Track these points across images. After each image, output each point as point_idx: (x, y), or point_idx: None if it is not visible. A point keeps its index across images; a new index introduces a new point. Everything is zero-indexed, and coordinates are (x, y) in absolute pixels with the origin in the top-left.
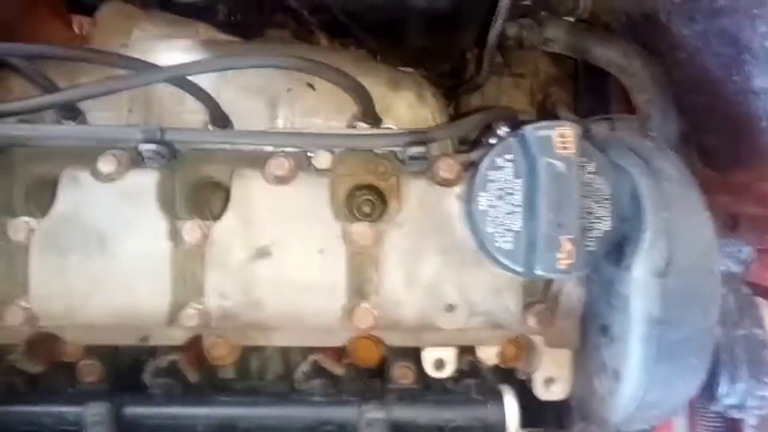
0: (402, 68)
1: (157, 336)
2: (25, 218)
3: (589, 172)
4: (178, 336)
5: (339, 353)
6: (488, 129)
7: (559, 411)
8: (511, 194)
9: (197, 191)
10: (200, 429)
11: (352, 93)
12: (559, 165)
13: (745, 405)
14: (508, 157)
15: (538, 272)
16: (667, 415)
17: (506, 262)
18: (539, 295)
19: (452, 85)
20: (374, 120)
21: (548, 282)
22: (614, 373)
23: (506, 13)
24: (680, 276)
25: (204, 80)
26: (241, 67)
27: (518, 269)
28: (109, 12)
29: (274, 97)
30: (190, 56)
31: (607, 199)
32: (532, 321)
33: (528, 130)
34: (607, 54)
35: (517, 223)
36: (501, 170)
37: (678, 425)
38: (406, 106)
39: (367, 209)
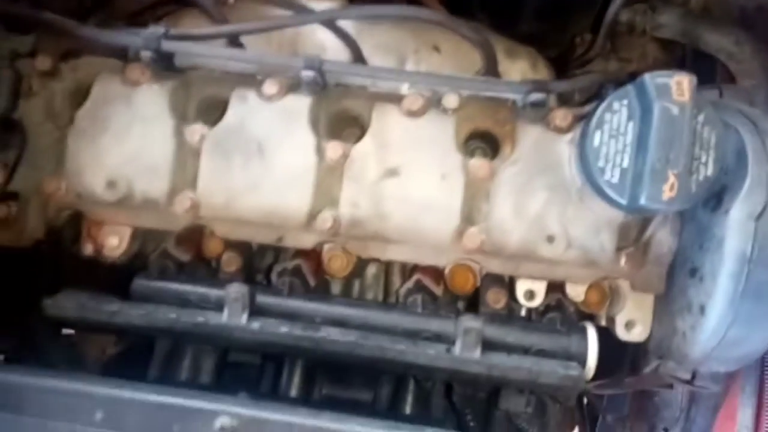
0: None
1: (291, 238)
2: (200, 125)
3: (698, 122)
4: (308, 241)
5: (438, 278)
6: (597, 96)
7: (635, 356)
8: (623, 135)
9: (338, 122)
10: (318, 320)
11: (480, 48)
12: (674, 109)
13: None
14: (624, 101)
15: (642, 202)
16: (745, 359)
17: (613, 194)
18: (632, 241)
19: (559, 69)
20: (496, 75)
21: (642, 228)
22: (700, 308)
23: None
24: None
25: None
26: (387, 16)
27: (623, 201)
28: None
29: (403, 55)
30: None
31: (712, 148)
32: (622, 261)
33: (647, 76)
34: (719, 40)
35: (626, 160)
36: (616, 113)
37: (743, 415)
38: (521, 73)
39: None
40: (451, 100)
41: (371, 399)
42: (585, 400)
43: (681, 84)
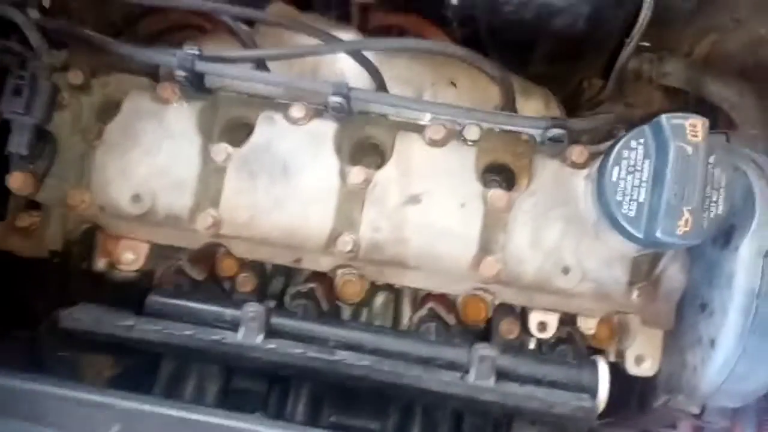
0: None
1: (309, 260)
2: (226, 144)
3: (710, 163)
4: (326, 264)
5: (450, 309)
6: (609, 134)
7: (642, 393)
8: (639, 171)
9: (359, 149)
10: (331, 344)
11: (500, 84)
12: (689, 149)
13: None
14: (641, 140)
15: (658, 236)
16: (752, 394)
17: (629, 227)
18: (644, 276)
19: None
20: (514, 111)
21: (653, 264)
22: (710, 342)
23: (634, 47)
24: None
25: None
26: (415, 49)
27: (639, 235)
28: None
29: (420, 89)
30: None
31: (722, 188)
32: (635, 295)
33: (664, 118)
34: (723, 90)
35: (642, 195)
36: (633, 150)
37: None
38: (535, 111)
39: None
40: (472, 132)
41: (379, 429)
42: None
43: (695, 126)
